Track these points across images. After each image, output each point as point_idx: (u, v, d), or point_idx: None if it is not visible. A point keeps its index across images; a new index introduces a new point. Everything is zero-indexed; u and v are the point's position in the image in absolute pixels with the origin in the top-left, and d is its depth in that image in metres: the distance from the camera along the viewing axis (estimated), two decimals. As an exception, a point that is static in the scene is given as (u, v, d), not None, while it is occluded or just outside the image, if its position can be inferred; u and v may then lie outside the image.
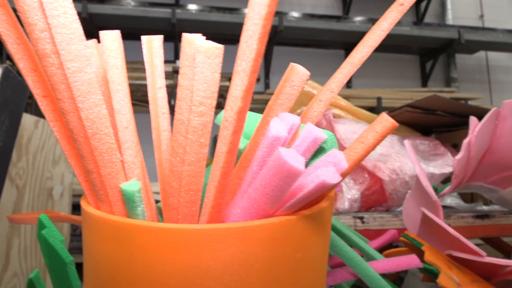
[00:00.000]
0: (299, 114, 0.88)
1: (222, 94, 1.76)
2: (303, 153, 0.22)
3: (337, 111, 0.90)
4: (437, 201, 0.45)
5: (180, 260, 0.21)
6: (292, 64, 0.22)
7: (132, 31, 1.82)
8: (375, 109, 1.90)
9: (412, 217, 0.55)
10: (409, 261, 0.36)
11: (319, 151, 0.23)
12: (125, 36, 0.30)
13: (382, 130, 0.23)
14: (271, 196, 0.20)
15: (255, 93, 2.06)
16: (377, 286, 0.33)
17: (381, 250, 0.53)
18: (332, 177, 0.19)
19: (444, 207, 0.72)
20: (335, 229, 0.37)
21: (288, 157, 0.18)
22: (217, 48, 0.18)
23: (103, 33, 0.21)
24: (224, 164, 0.19)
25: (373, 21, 2.22)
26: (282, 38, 2.10)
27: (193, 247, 0.21)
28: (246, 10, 1.54)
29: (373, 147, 0.24)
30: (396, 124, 0.24)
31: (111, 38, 0.21)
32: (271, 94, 1.98)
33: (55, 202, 0.81)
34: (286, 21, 2.02)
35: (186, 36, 0.19)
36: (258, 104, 2.04)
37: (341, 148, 0.71)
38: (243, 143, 0.25)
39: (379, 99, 1.92)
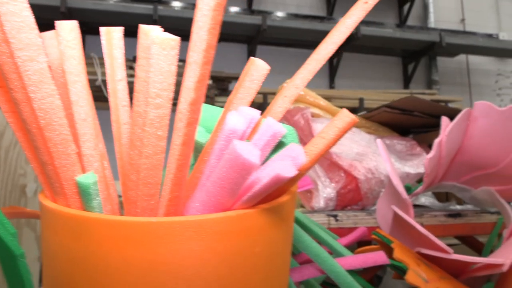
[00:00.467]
0: (284, 114, 0.87)
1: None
2: (263, 147, 0.22)
3: (316, 111, 0.90)
4: (407, 199, 0.46)
5: (136, 254, 0.20)
6: (252, 58, 0.22)
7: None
8: (357, 110, 1.92)
9: (385, 215, 0.56)
10: (376, 257, 0.37)
11: (280, 145, 0.23)
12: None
13: (343, 125, 0.24)
14: (228, 189, 0.20)
15: (239, 92, 2.06)
16: (343, 282, 0.33)
17: (353, 247, 0.54)
18: (287, 171, 0.19)
19: (418, 206, 0.73)
20: (303, 226, 0.37)
21: (242, 150, 0.18)
22: (173, 40, 0.18)
23: (59, 23, 0.21)
24: (179, 157, 0.19)
25: (357, 22, 2.24)
26: (266, 38, 2.10)
27: (149, 240, 0.20)
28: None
29: (334, 142, 0.24)
30: (356, 120, 0.24)
31: (68, 28, 0.21)
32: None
33: (29, 200, 0.79)
34: (270, 21, 2.03)
35: (142, 28, 0.19)
36: (242, 103, 2.04)
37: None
38: (205, 137, 0.25)
39: (361, 100, 1.95)
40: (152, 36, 0.18)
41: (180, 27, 1.92)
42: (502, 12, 2.90)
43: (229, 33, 2.14)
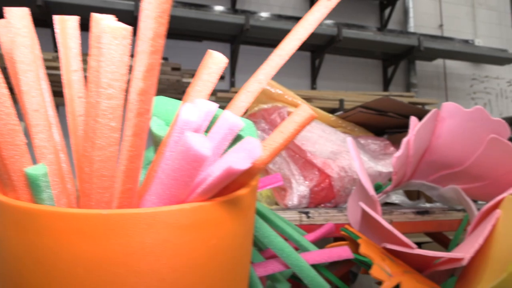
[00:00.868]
0: (256, 112, 0.87)
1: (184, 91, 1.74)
2: (220, 140, 0.22)
3: (293, 110, 0.91)
4: (374, 195, 0.47)
5: (87, 247, 0.20)
6: (209, 51, 0.22)
7: (93, 23, 1.76)
8: (337, 111, 1.94)
9: (355, 212, 0.56)
10: (341, 252, 0.38)
11: (238, 139, 0.23)
12: (85, 27, 0.28)
13: (301, 120, 0.24)
14: (181, 181, 0.20)
15: (220, 91, 2.06)
16: (306, 276, 0.34)
17: (329, 243, 0.54)
18: (240, 163, 0.19)
19: (390, 204, 0.75)
20: (268, 221, 0.38)
21: (194, 142, 0.18)
22: (124, 29, 0.18)
23: (8, 10, 0.20)
24: (130, 148, 0.19)
25: (338, 24, 2.27)
26: (249, 37, 2.10)
27: (100, 233, 0.20)
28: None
29: (292, 137, 0.24)
30: (315, 115, 0.24)
31: (19, 15, 0.20)
32: (236, 92, 1.97)
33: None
34: (253, 20, 2.03)
35: (94, 16, 0.19)
36: (223, 102, 2.04)
37: (293, 145, 0.72)
38: (164, 130, 0.24)
39: (341, 101, 1.97)
40: (103, 25, 0.18)
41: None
42: (478, 19, 2.99)
43: (212, 32, 2.13)
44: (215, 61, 0.22)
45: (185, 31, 2.11)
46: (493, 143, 0.56)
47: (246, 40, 2.20)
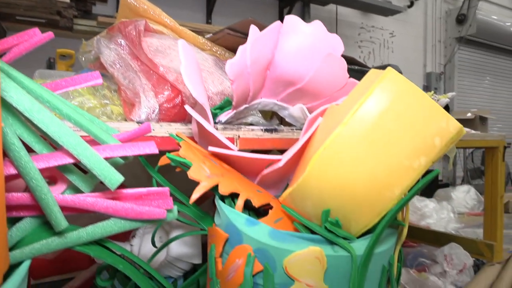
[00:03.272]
0: (115, 26, 0.78)
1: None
2: None
3: (160, 28, 0.85)
4: (198, 96, 0.46)
5: None
6: None
7: None
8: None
9: (195, 123, 0.56)
10: (145, 146, 0.36)
11: None
12: None
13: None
14: None
15: (102, 15, 1.85)
16: (95, 167, 0.32)
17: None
18: None
19: (246, 124, 0.76)
20: (67, 117, 0.34)
21: None
22: None
23: None
24: None
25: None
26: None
27: None
28: None
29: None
30: None
31: None
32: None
33: None
34: None
35: None
36: (104, 27, 1.84)
37: (147, 60, 0.67)
38: None
39: (232, 36, 1.93)
40: None
41: None
42: (370, -32, 3.12)
43: None
44: None
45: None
46: (328, 59, 0.58)
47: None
